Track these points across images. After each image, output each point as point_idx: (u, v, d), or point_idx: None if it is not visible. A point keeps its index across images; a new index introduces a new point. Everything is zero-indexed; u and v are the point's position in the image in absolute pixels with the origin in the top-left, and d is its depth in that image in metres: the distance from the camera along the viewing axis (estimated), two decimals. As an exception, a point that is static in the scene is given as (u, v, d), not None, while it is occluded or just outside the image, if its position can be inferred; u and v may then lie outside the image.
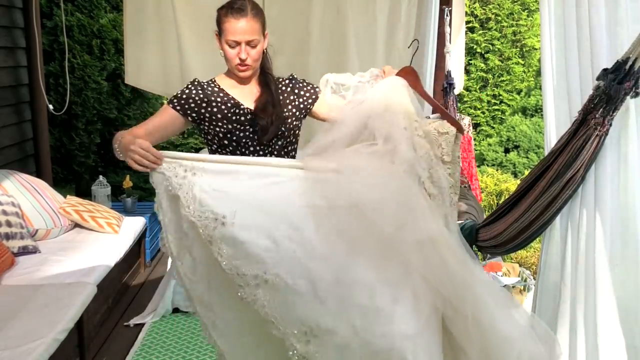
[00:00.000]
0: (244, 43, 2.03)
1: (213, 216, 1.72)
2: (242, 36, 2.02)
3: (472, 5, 7.29)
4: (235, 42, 2.03)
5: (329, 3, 4.53)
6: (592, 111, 1.71)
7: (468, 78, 7.28)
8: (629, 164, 1.70)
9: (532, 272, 3.88)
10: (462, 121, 3.79)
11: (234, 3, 2.04)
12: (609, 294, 1.73)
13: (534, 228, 1.99)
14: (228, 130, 2.09)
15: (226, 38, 2.04)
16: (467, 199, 3.13)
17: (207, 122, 2.11)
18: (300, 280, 1.68)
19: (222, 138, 2.10)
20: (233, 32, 2.02)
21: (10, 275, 3.16)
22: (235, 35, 2.02)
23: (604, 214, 1.72)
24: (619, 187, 1.71)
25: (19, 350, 2.37)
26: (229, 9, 2.03)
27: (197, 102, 2.09)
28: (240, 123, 2.10)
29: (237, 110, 2.11)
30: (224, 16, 2.03)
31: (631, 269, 1.72)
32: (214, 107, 2.09)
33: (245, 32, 2.02)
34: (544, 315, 1.96)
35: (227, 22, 2.02)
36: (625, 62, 1.62)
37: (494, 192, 5.66)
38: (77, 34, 5.84)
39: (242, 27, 2.02)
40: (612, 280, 1.72)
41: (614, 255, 1.73)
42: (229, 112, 2.10)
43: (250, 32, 2.03)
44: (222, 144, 2.12)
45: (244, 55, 2.05)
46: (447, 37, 3.77)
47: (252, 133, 2.11)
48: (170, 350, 3.31)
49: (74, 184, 6.18)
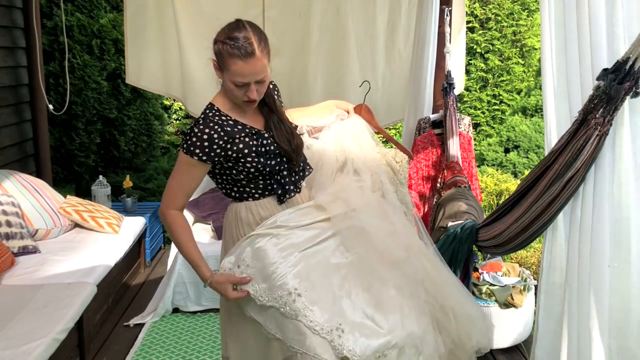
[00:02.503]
0: (252, 83, 1.89)
1: (287, 292, 1.91)
2: (251, 77, 1.87)
3: (472, 5, 7.29)
4: (243, 84, 1.88)
5: (329, 3, 4.54)
6: (593, 111, 1.71)
7: (468, 78, 7.28)
8: (623, 165, 1.70)
9: (532, 272, 3.88)
10: (462, 121, 3.79)
11: (239, 41, 1.82)
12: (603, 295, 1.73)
13: (534, 228, 1.99)
14: (261, 163, 1.96)
15: (232, 79, 1.87)
16: (467, 199, 3.13)
17: (232, 162, 1.95)
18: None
19: (253, 173, 1.97)
20: (242, 75, 1.86)
21: (10, 275, 3.16)
22: (245, 78, 1.86)
23: (603, 214, 1.72)
24: (613, 187, 1.71)
25: (19, 350, 2.37)
26: (234, 48, 1.82)
27: (221, 144, 1.91)
28: (270, 153, 1.98)
29: (262, 140, 1.98)
30: (229, 56, 1.83)
31: (623, 269, 1.72)
32: (240, 143, 1.94)
33: (256, 74, 1.87)
34: (548, 316, 1.95)
35: (234, 64, 1.84)
36: (626, 62, 1.62)
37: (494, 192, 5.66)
38: (77, 34, 5.84)
39: (252, 70, 1.85)
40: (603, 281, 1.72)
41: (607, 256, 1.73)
42: (255, 144, 1.96)
43: (260, 70, 1.87)
44: (251, 180, 2.00)
45: (254, 94, 1.91)
46: (447, 37, 3.77)
47: (281, 159, 2.01)
48: (170, 350, 3.31)
49: (74, 184, 6.18)
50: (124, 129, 6.34)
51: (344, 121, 2.30)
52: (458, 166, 3.56)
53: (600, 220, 1.72)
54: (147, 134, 6.66)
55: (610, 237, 1.71)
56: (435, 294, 2.11)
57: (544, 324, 1.96)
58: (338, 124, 2.29)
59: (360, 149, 2.26)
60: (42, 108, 4.59)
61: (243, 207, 2.06)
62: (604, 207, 1.71)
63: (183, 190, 1.97)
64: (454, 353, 2.14)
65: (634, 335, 1.74)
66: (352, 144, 2.25)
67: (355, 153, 2.24)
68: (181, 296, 3.77)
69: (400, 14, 4.63)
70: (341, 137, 2.26)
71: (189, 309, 3.78)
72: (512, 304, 3.16)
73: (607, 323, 1.73)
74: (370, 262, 2.05)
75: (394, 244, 2.09)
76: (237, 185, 2.03)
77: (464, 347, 2.13)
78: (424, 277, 2.11)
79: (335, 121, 2.30)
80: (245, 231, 2.04)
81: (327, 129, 2.29)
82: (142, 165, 6.72)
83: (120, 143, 6.33)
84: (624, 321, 1.74)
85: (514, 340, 3.24)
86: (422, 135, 3.86)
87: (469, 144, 3.81)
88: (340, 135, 2.26)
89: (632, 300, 1.72)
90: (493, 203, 5.57)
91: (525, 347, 3.26)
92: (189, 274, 3.72)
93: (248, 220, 2.05)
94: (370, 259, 2.06)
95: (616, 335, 1.74)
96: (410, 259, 2.10)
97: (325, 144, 2.27)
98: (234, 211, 2.08)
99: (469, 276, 2.78)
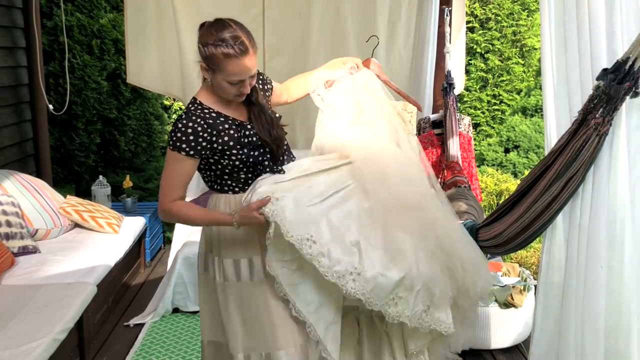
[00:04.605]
0: (247, 78, 1.94)
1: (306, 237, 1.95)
2: (247, 74, 1.93)
3: (472, 5, 7.28)
4: (239, 81, 1.93)
5: (329, 3, 4.54)
6: (592, 111, 1.71)
7: (468, 78, 7.27)
8: (619, 165, 1.70)
9: (532, 272, 3.88)
10: (462, 121, 3.79)
11: (231, 41, 1.87)
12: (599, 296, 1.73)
13: (534, 228, 1.99)
14: (245, 155, 1.99)
15: (228, 79, 1.91)
16: (467, 199, 3.13)
17: (218, 155, 1.98)
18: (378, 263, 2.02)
19: (238, 165, 2.00)
20: (239, 73, 1.91)
21: (10, 275, 3.16)
22: (242, 75, 1.92)
23: (599, 215, 1.72)
24: (609, 187, 1.71)
25: (19, 350, 2.37)
26: (228, 49, 1.86)
27: (207, 137, 1.94)
28: (252, 144, 2.00)
29: (245, 131, 2.01)
30: (225, 57, 1.87)
31: (616, 270, 1.71)
32: (225, 136, 1.97)
33: (251, 70, 1.93)
34: (546, 316, 1.95)
35: (230, 64, 1.88)
36: (625, 62, 1.62)
37: (494, 192, 5.66)
38: (77, 34, 5.84)
39: (247, 66, 1.91)
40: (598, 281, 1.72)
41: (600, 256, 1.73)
42: (239, 136, 1.99)
43: (254, 66, 1.94)
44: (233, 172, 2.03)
45: (248, 89, 1.96)
46: (447, 37, 3.77)
47: (264, 150, 2.03)
48: (170, 350, 3.31)
49: (74, 184, 6.17)
50: (124, 129, 6.33)
51: (356, 74, 2.33)
52: (458, 166, 3.56)
53: (597, 220, 1.72)
54: (147, 134, 6.66)
55: (604, 238, 1.71)
56: (444, 240, 2.15)
57: (542, 323, 1.96)
58: (350, 77, 2.32)
59: (374, 100, 2.29)
60: (42, 108, 4.59)
61: (222, 199, 2.09)
62: (601, 207, 1.71)
63: (176, 186, 1.98)
64: (457, 303, 2.19)
65: (623, 336, 1.73)
66: (366, 95, 2.28)
67: (369, 104, 2.27)
68: (181, 296, 3.77)
69: (400, 14, 4.62)
70: (354, 89, 2.29)
71: (189, 309, 3.78)
72: (512, 304, 3.16)
73: (603, 324, 1.73)
74: (388, 207, 2.10)
75: (409, 190, 2.16)
76: (219, 179, 2.06)
77: (468, 293, 2.19)
78: (434, 223, 2.16)
79: (347, 74, 2.32)
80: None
81: (339, 83, 2.31)
82: (142, 165, 6.71)
83: (120, 143, 6.32)
84: (616, 322, 1.74)
85: (514, 340, 3.24)
86: (422, 135, 3.86)
87: (469, 144, 3.81)
88: (354, 87, 2.29)
89: (623, 302, 1.72)
90: (493, 203, 5.57)
91: (525, 347, 3.26)
92: (189, 274, 3.72)
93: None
94: (388, 204, 2.11)
95: (608, 336, 1.74)
96: (423, 205, 2.16)
97: (340, 96, 2.29)
98: (214, 202, 2.12)
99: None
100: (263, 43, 4.55)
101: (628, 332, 1.73)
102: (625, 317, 1.72)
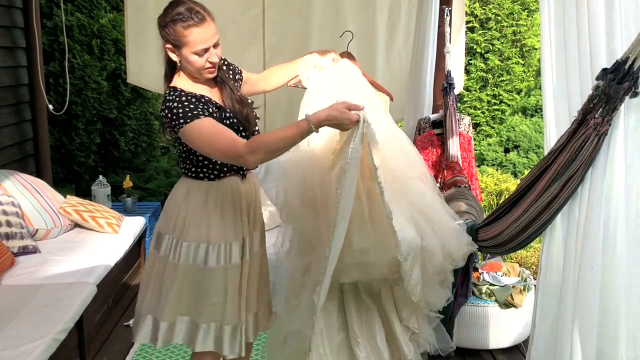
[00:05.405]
0: (211, 47, 2.02)
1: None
2: (210, 41, 2.01)
3: (472, 5, 7.29)
4: (204, 50, 2.01)
5: (329, 3, 4.54)
6: (592, 111, 1.71)
7: (468, 78, 7.28)
8: (615, 165, 1.70)
9: (532, 272, 3.88)
10: (462, 121, 3.79)
11: (187, 13, 1.96)
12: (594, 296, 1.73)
13: (534, 228, 1.99)
14: None
15: (194, 50, 1.99)
16: (467, 199, 3.13)
17: None
18: None
19: None
20: (202, 41, 1.99)
21: (10, 275, 3.16)
22: (205, 43, 2.00)
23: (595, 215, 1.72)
24: (604, 187, 1.71)
25: (19, 350, 2.36)
26: (187, 20, 1.96)
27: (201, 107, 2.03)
28: (231, 126, 2.07)
29: (224, 113, 2.10)
30: (186, 29, 1.96)
31: (608, 271, 1.71)
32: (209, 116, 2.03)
33: (212, 36, 2.01)
34: (545, 316, 1.95)
35: (192, 33, 1.97)
36: (625, 62, 1.63)
37: (494, 192, 5.66)
38: (77, 34, 5.84)
39: (209, 33, 2.00)
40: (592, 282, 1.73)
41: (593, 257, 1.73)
42: (221, 117, 2.08)
43: (214, 32, 2.02)
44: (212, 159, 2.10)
45: (215, 58, 2.04)
46: (447, 37, 3.77)
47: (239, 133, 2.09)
48: (170, 350, 3.31)
49: (74, 184, 6.18)
50: (124, 129, 6.34)
51: (338, 63, 2.44)
52: (458, 166, 3.56)
53: (594, 220, 1.72)
54: (147, 134, 6.67)
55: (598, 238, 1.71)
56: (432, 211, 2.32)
57: (541, 323, 1.96)
58: (333, 66, 2.42)
59: (358, 86, 2.40)
60: (42, 108, 4.59)
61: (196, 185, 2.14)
62: (597, 207, 1.72)
63: (227, 136, 1.97)
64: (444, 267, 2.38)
65: (610, 338, 1.73)
66: (351, 81, 2.39)
67: (355, 87, 2.36)
68: (181, 296, 3.76)
69: (400, 14, 4.62)
70: (339, 75, 2.38)
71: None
72: (512, 304, 3.16)
73: (596, 325, 1.73)
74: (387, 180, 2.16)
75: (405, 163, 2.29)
76: (197, 165, 2.11)
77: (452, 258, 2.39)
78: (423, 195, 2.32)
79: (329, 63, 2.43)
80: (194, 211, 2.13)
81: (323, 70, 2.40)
82: (142, 165, 6.72)
83: (120, 143, 6.33)
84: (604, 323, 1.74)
85: (514, 340, 3.24)
86: (422, 135, 3.86)
87: (469, 143, 3.81)
88: (338, 73, 2.39)
89: (612, 303, 1.72)
90: (493, 203, 5.57)
91: (525, 347, 3.26)
92: (189, 274, 3.71)
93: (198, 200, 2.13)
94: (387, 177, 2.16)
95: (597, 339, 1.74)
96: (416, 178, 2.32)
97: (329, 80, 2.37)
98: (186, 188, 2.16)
99: (468, 276, 2.78)
100: (263, 43, 4.56)
101: (615, 334, 1.73)
102: (612, 319, 1.72)
